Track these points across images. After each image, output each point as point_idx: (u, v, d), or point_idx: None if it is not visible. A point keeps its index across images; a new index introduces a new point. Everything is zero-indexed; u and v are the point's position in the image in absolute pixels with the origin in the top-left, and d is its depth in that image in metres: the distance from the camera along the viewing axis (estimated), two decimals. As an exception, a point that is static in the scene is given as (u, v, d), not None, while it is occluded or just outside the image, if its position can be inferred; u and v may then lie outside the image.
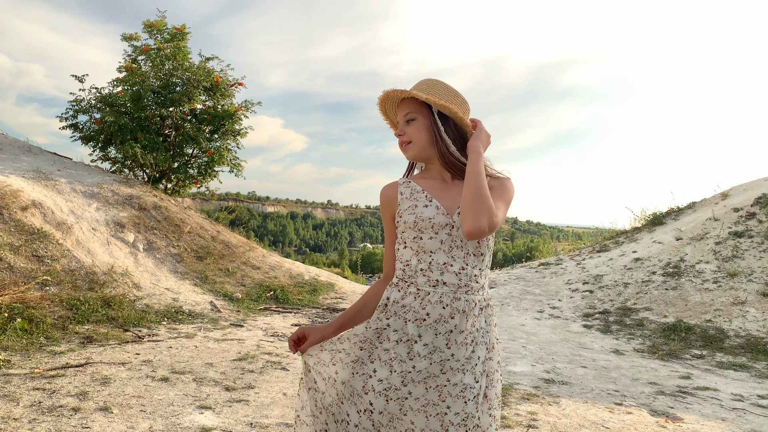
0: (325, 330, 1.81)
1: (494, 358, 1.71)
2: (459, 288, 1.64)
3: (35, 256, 6.45)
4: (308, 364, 1.81)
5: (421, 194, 1.72)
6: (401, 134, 1.73)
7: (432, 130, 1.70)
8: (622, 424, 4.04)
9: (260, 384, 4.38)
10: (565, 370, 5.58)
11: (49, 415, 3.41)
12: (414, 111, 1.71)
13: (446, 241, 1.65)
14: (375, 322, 1.70)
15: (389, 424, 1.64)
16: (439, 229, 1.66)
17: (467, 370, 1.62)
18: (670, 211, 13.06)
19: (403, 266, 1.72)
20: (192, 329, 6.05)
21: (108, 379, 4.17)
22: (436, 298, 1.63)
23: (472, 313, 1.64)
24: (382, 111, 1.84)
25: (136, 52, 10.69)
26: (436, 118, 1.69)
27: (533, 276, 11.26)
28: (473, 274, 1.65)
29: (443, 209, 1.67)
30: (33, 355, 4.62)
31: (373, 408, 1.63)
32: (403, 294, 1.69)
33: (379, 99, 1.78)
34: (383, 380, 1.64)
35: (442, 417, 1.61)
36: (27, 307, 5.49)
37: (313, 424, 1.81)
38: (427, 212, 1.67)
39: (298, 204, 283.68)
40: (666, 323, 7.66)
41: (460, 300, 1.63)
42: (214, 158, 10.78)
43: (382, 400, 1.63)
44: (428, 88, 1.71)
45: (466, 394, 1.61)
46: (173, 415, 3.59)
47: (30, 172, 8.40)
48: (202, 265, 8.28)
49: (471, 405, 1.61)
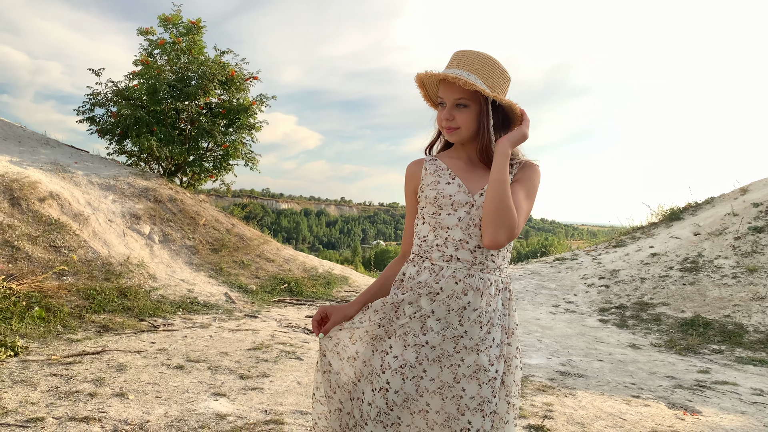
0: (348, 310, 1.80)
1: (513, 344, 1.69)
2: (473, 265, 1.64)
3: (52, 247, 6.51)
4: (324, 348, 1.81)
5: (445, 172, 1.72)
6: (450, 118, 1.67)
7: (481, 120, 1.67)
8: (640, 416, 3.99)
9: (274, 373, 4.39)
10: (581, 363, 5.53)
11: (66, 399, 3.43)
12: (467, 98, 1.65)
13: (464, 219, 1.65)
14: (391, 297, 1.69)
15: (403, 404, 1.61)
16: (459, 206, 1.66)
17: (481, 351, 1.61)
18: (688, 207, 12.89)
19: (420, 241, 1.72)
20: (207, 319, 6.08)
21: (124, 366, 4.19)
22: (449, 273, 1.64)
23: (488, 291, 1.63)
24: (419, 83, 1.76)
25: (152, 46, 10.74)
26: (489, 108, 1.66)
27: (548, 271, 11.18)
28: (489, 253, 1.65)
29: (465, 188, 1.68)
30: (50, 342, 4.66)
31: (389, 387, 1.61)
32: (418, 269, 1.69)
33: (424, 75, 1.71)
34: (398, 357, 1.63)
35: (458, 400, 1.59)
36: (44, 296, 5.54)
37: (327, 404, 1.82)
38: (449, 189, 1.69)
39: (311, 201, 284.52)
40: (684, 318, 7.56)
41: (474, 277, 1.63)
42: (229, 152, 10.82)
43: (399, 379, 1.61)
44: (483, 70, 1.65)
45: (480, 377, 1.59)
46: (188, 401, 3.60)
47: (48, 165, 8.48)
48: (217, 257, 8.32)
49: (486, 389, 1.59)
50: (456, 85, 1.64)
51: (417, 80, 1.75)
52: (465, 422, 1.58)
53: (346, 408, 1.74)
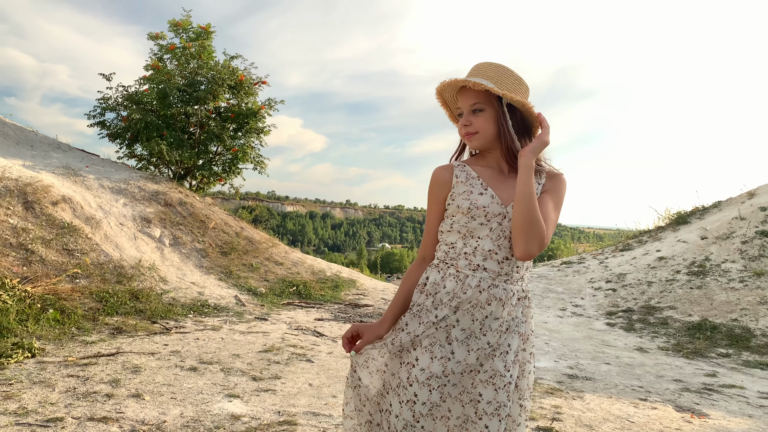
0: (379, 329, 1.80)
1: (528, 349, 1.72)
2: (498, 276, 1.66)
3: (65, 250, 6.60)
4: (355, 364, 1.82)
5: (477, 181, 1.72)
6: (468, 124, 1.70)
7: (499, 122, 1.68)
8: (647, 418, 4.03)
9: (286, 375, 4.45)
10: (589, 367, 5.57)
11: (84, 400, 3.50)
12: (482, 101, 1.68)
13: (495, 230, 1.67)
14: (424, 314, 1.71)
15: (428, 414, 1.64)
16: (492, 217, 1.67)
17: (496, 356, 1.64)
18: (695, 210, 12.91)
19: (448, 248, 1.73)
20: (218, 322, 6.15)
21: (138, 367, 4.26)
22: (474, 282, 1.66)
23: (510, 302, 1.66)
24: (441, 99, 1.81)
25: (162, 51, 10.86)
26: (505, 110, 1.67)
27: (555, 274, 11.21)
28: (516, 264, 1.68)
29: (498, 199, 1.69)
30: (65, 344, 4.74)
31: (416, 399, 1.64)
32: (442, 275, 1.71)
33: (440, 86, 1.75)
34: (425, 369, 1.65)
35: (476, 404, 1.63)
36: (59, 298, 5.62)
37: (357, 417, 1.83)
38: (482, 200, 1.69)
39: (317, 203, 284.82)
40: (691, 322, 7.58)
41: (498, 287, 1.66)
42: (238, 156, 10.92)
43: (426, 391, 1.63)
44: (497, 77, 1.68)
45: (496, 382, 1.62)
46: (203, 402, 3.66)
47: (60, 168, 8.58)
48: (226, 260, 8.40)
49: (502, 394, 1.62)
50: (470, 91, 1.68)
51: (437, 96, 1.80)
52: (482, 426, 1.61)
53: (375, 419, 1.77)
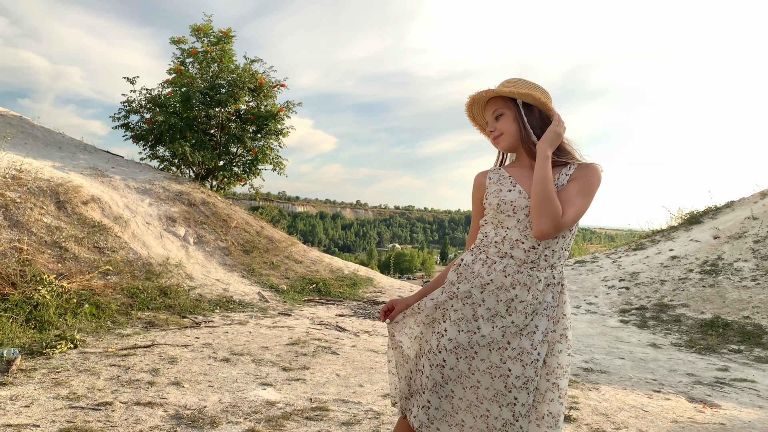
0: (410, 300, 2.09)
1: (558, 330, 1.86)
2: (524, 263, 1.83)
3: (96, 248, 6.86)
4: (392, 332, 2.12)
5: (507, 180, 1.92)
6: (493, 129, 1.93)
7: (518, 120, 1.88)
8: (661, 408, 4.21)
9: (314, 366, 4.67)
10: (604, 361, 5.75)
11: (128, 387, 3.74)
12: (501, 107, 1.90)
13: (522, 221, 1.84)
14: (448, 285, 1.96)
15: (457, 380, 1.87)
16: (519, 209, 1.85)
17: (524, 336, 1.83)
18: (708, 210, 13.00)
19: (482, 236, 1.95)
20: (244, 317, 6.39)
21: (175, 358, 4.50)
22: (500, 267, 1.85)
23: (535, 287, 1.81)
24: (470, 117, 2.04)
25: (184, 55, 11.15)
26: (521, 108, 1.88)
27: (569, 273, 11.37)
28: (543, 253, 1.82)
29: (525, 193, 1.86)
30: (103, 336, 4.99)
31: (445, 364, 1.88)
32: (474, 258, 1.94)
33: (466, 105, 1.98)
34: (452, 339, 1.88)
35: (506, 378, 1.83)
36: (93, 293, 5.88)
37: (398, 373, 2.11)
38: (510, 196, 1.88)
39: (327, 204, 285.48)
40: (703, 319, 7.73)
41: (523, 273, 1.82)
42: (258, 157, 11.19)
43: (453, 358, 1.87)
44: (510, 84, 1.92)
45: (523, 358, 1.81)
46: (239, 390, 3.89)
47: (87, 169, 8.87)
48: (248, 258, 8.65)
49: (530, 369, 1.80)
50: (491, 103, 1.92)
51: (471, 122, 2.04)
52: (512, 398, 1.82)
53: (412, 377, 2.04)
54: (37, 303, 5.13)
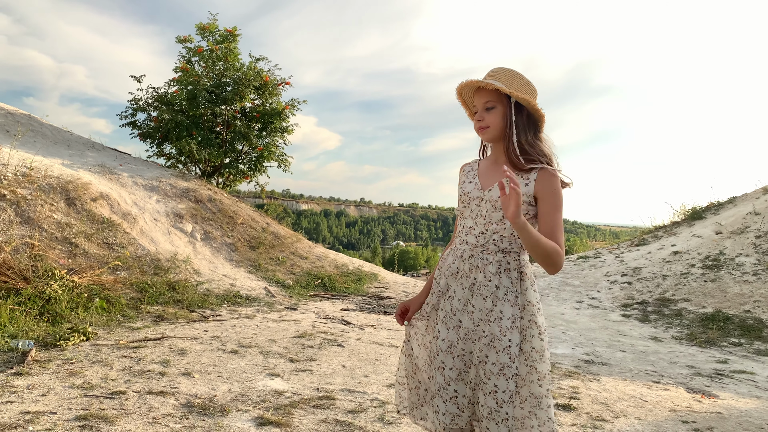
0: (420, 298, 2.19)
1: (525, 317, 1.93)
2: (476, 247, 1.96)
3: (106, 243, 6.98)
4: (408, 334, 2.20)
5: (472, 173, 2.07)
6: (481, 119, 2.00)
7: (507, 118, 1.97)
8: (660, 398, 4.31)
9: (320, 357, 4.78)
10: (605, 353, 5.84)
11: (140, 377, 3.85)
12: (494, 100, 1.97)
13: (474, 210, 1.99)
14: (434, 284, 2.10)
15: (458, 378, 1.96)
16: (472, 200, 2.00)
17: (491, 322, 1.91)
18: (710, 206, 13.06)
19: (457, 231, 2.11)
20: (251, 311, 6.50)
21: (184, 350, 4.61)
22: (458, 253, 2.01)
23: (487, 269, 1.92)
24: (460, 99, 2.12)
25: (190, 54, 11.26)
26: (512, 109, 1.95)
27: (572, 268, 11.45)
28: (492, 238, 1.94)
29: (479, 185, 2.01)
30: (114, 329, 5.11)
31: (444, 365, 1.97)
32: (449, 252, 2.09)
33: (459, 87, 2.05)
34: (445, 339, 1.99)
35: (484, 366, 1.91)
36: (103, 288, 6.00)
37: (407, 383, 2.20)
38: (468, 188, 2.04)
39: (331, 201, 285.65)
40: (704, 313, 7.81)
41: (475, 257, 1.95)
42: (264, 154, 11.30)
43: (450, 358, 1.97)
44: (507, 80, 1.97)
45: (495, 345, 1.89)
46: (247, 380, 4.00)
47: (96, 167, 8.99)
48: (254, 254, 8.76)
49: (503, 356, 1.87)
50: (484, 91, 1.99)
51: (457, 96, 2.11)
52: (492, 385, 1.89)
53: (423, 385, 2.12)
54: (50, 297, 5.25)
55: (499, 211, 1.92)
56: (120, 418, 3.09)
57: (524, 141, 1.95)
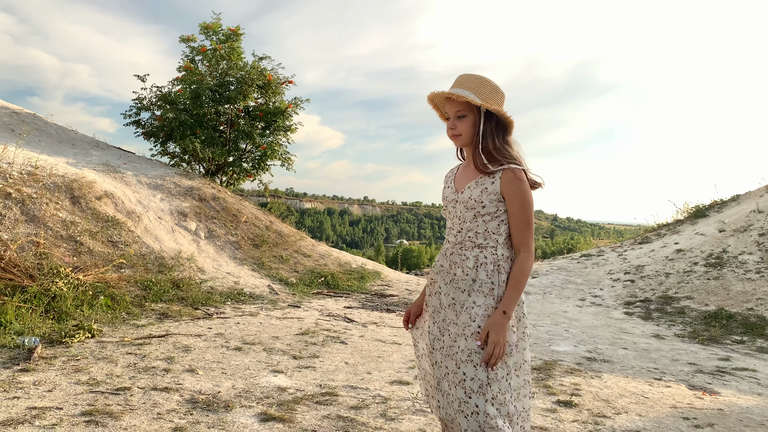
0: (420, 300, 2.31)
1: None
2: (455, 245, 2.10)
3: (110, 242, 7.03)
4: (414, 337, 2.32)
5: (450, 178, 2.21)
6: (453, 128, 2.08)
7: (476, 126, 2.05)
8: (661, 395, 4.32)
9: (323, 354, 4.81)
10: (607, 351, 5.86)
11: (145, 373, 3.89)
12: (465, 109, 2.05)
13: (451, 211, 2.14)
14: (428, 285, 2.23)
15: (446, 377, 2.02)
16: (448, 202, 2.16)
17: (463, 311, 2.00)
18: (714, 204, 13.04)
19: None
20: (254, 309, 6.54)
21: (188, 347, 4.65)
22: (443, 252, 2.16)
23: (465, 264, 2.03)
24: (432, 104, 2.20)
25: (194, 53, 11.30)
26: (482, 119, 2.03)
27: (575, 267, 11.46)
28: (467, 235, 2.06)
29: (453, 188, 2.15)
30: (118, 327, 5.16)
31: (435, 360, 2.09)
32: (439, 253, 2.22)
33: (430, 95, 2.14)
34: (432, 333, 2.11)
35: (455, 355, 1.98)
36: (108, 286, 6.04)
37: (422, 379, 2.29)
38: (446, 192, 2.20)
39: (334, 200, 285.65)
40: (707, 311, 7.81)
41: (455, 254, 2.08)
42: (267, 153, 11.34)
43: (439, 354, 2.07)
44: (476, 88, 2.04)
45: (465, 332, 1.97)
46: (251, 377, 4.03)
47: (100, 166, 9.04)
48: (258, 252, 8.80)
49: (471, 342, 1.94)
50: (455, 100, 2.06)
51: (429, 102, 2.19)
52: (461, 374, 1.94)
53: (429, 382, 2.20)
54: (55, 295, 5.30)
55: (471, 211, 2.04)
56: (125, 414, 3.12)
57: (492, 146, 2.04)
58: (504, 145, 2.04)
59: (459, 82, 2.08)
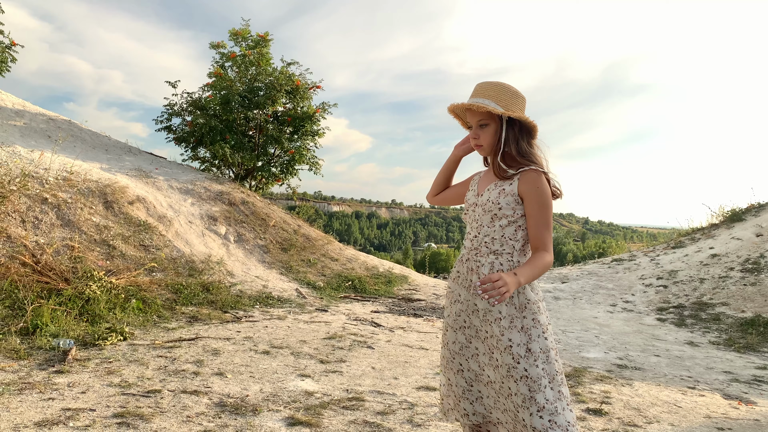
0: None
1: (528, 316, 1.95)
2: (471, 250, 2.08)
3: (142, 246, 7.16)
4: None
5: (474, 182, 2.22)
6: (476, 137, 2.08)
7: (497, 135, 2.04)
8: (694, 404, 4.22)
9: (350, 359, 4.82)
10: (638, 358, 5.75)
11: (175, 376, 3.95)
12: (486, 118, 2.04)
13: (471, 215, 2.14)
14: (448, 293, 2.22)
15: (476, 379, 2.04)
16: (469, 206, 2.16)
17: (491, 322, 1.97)
18: (750, 207, 12.70)
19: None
20: (282, 312, 6.59)
21: (217, 351, 4.71)
22: (460, 258, 2.15)
23: (480, 271, 2.02)
24: (453, 114, 2.21)
25: (223, 59, 11.48)
26: (504, 125, 2.01)
27: (606, 271, 11.28)
28: (484, 241, 2.04)
29: (475, 192, 2.16)
30: (150, 330, 5.25)
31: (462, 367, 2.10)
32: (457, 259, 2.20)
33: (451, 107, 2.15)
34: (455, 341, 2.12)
35: (497, 369, 1.97)
36: (139, 289, 6.16)
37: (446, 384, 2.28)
38: (469, 195, 2.21)
39: (362, 203, 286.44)
40: (744, 318, 7.61)
41: (470, 260, 2.07)
42: (295, 157, 11.45)
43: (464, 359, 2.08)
44: (497, 95, 2.02)
45: (498, 345, 1.95)
46: (278, 381, 4.06)
47: (132, 171, 9.23)
48: (286, 256, 8.87)
49: (506, 356, 1.91)
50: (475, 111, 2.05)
51: (450, 112, 2.20)
52: (506, 388, 1.94)
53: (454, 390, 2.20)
54: (89, 298, 5.42)
55: (488, 213, 2.03)
56: (155, 416, 3.17)
57: (516, 151, 2.01)
58: (529, 149, 2.03)
59: (478, 91, 2.06)
